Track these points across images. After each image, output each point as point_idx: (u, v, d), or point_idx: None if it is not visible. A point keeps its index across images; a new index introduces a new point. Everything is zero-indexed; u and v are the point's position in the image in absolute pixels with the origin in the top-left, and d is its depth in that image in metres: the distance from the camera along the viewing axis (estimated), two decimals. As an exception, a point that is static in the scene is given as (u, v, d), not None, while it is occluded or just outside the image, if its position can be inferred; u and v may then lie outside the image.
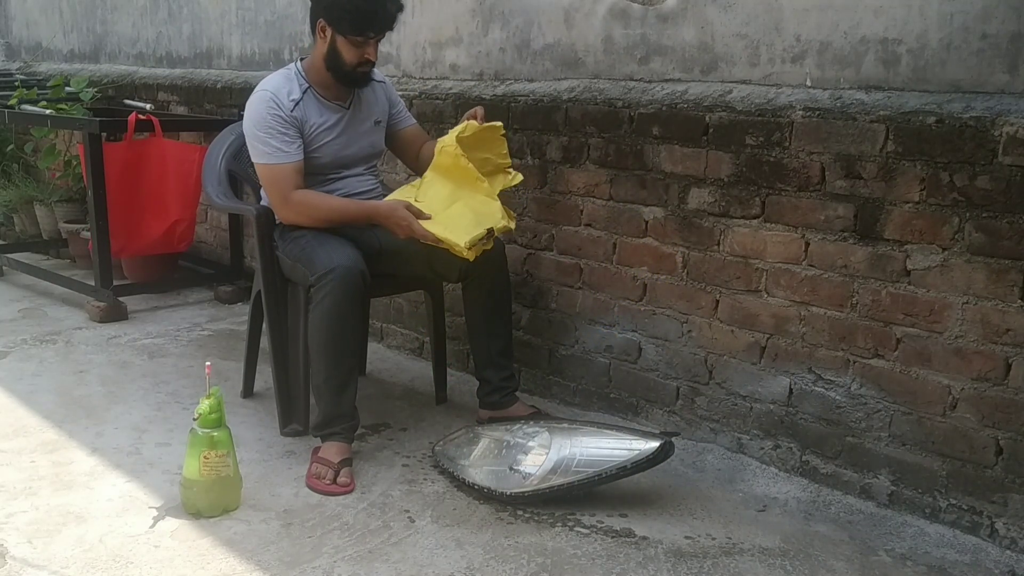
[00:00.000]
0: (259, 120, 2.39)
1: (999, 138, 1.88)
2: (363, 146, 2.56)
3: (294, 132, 2.40)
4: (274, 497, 2.19)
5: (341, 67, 2.39)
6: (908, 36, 2.02)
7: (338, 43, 2.37)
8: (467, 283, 2.55)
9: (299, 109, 2.41)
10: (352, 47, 2.36)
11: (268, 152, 2.39)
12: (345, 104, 2.50)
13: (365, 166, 2.60)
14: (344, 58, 2.38)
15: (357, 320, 2.35)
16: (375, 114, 2.58)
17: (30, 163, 4.71)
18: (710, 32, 2.36)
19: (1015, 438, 1.95)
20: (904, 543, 2.02)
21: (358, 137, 2.54)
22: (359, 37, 2.34)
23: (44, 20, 5.37)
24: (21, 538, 1.97)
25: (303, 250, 2.39)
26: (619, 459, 2.11)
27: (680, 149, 2.42)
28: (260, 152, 2.40)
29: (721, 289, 2.40)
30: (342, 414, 2.33)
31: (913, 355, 2.08)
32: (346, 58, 2.38)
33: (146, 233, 3.70)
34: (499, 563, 1.92)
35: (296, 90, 2.43)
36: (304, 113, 2.42)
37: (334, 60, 2.39)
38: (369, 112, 2.56)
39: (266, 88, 2.42)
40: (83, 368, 3.04)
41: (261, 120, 2.39)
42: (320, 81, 2.46)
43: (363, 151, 2.57)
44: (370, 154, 2.60)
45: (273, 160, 2.39)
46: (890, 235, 2.07)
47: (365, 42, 2.36)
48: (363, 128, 2.55)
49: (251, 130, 2.42)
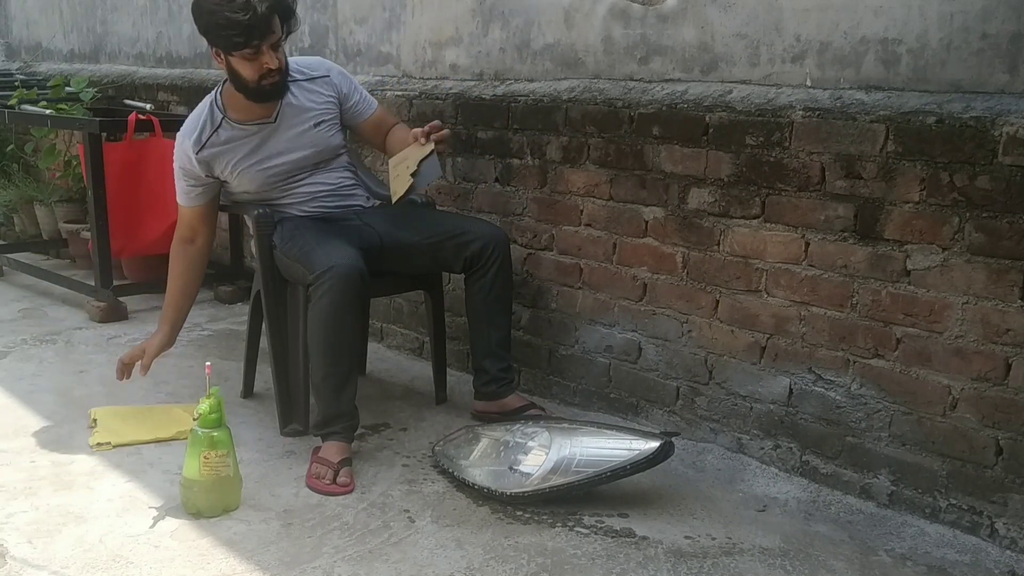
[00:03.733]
0: (175, 165, 2.52)
1: (999, 138, 1.88)
2: (304, 154, 2.51)
3: (195, 179, 2.49)
4: (274, 497, 2.19)
5: (246, 86, 2.36)
6: (908, 36, 2.02)
7: (232, 63, 2.33)
8: (471, 273, 2.55)
9: (206, 150, 2.44)
10: (245, 62, 2.31)
11: (178, 193, 2.55)
12: (271, 118, 2.47)
13: (324, 168, 2.56)
14: (244, 76, 2.34)
15: (355, 319, 2.34)
16: (314, 116, 2.52)
17: (30, 163, 4.70)
18: (710, 32, 2.36)
19: (1015, 438, 1.95)
20: (904, 543, 2.02)
21: (293, 147, 2.49)
22: (247, 50, 2.28)
23: (44, 20, 5.37)
24: (21, 538, 1.97)
25: (301, 249, 2.39)
26: (619, 459, 2.11)
27: (680, 149, 2.42)
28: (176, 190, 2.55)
29: (721, 289, 2.40)
30: (341, 413, 2.33)
31: (913, 355, 2.08)
32: (245, 75, 2.33)
33: (146, 233, 3.69)
34: (499, 563, 1.92)
35: (207, 128, 2.44)
36: (217, 150, 2.44)
37: (237, 81, 2.36)
38: (303, 117, 2.50)
39: (181, 133, 2.50)
40: (83, 368, 3.04)
41: (175, 165, 2.52)
42: (236, 106, 2.44)
43: (307, 159, 2.52)
44: (318, 158, 2.54)
45: (179, 201, 2.56)
46: (890, 235, 2.07)
47: (256, 54, 2.29)
48: (298, 136, 2.49)
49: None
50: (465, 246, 2.51)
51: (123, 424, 2.54)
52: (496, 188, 2.89)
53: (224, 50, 2.31)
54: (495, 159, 2.87)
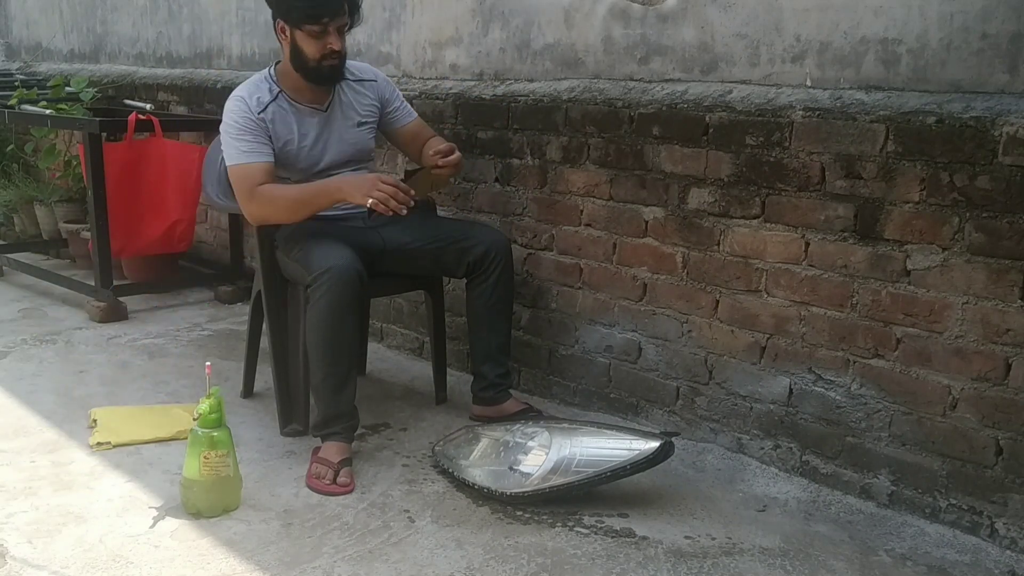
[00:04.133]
0: (229, 123, 2.41)
1: (999, 138, 1.88)
2: (343, 150, 2.53)
3: (263, 135, 2.40)
4: (274, 497, 2.19)
5: (306, 64, 2.36)
6: (908, 36, 2.02)
7: (297, 39, 2.34)
8: (472, 278, 2.55)
9: (267, 113, 2.40)
10: (311, 39, 2.32)
11: (236, 153, 2.39)
12: (323, 107, 2.48)
13: (352, 168, 2.57)
14: (306, 53, 2.34)
15: (354, 319, 2.34)
16: (358, 115, 2.55)
17: (30, 163, 4.71)
18: (710, 32, 2.36)
19: (1015, 438, 1.95)
20: (904, 543, 2.02)
21: (337, 140, 2.51)
22: (314, 26, 2.29)
23: (44, 20, 5.37)
24: (21, 538, 1.97)
25: (301, 250, 2.39)
26: (619, 459, 2.11)
27: (680, 149, 2.42)
28: (229, 154, 2.41)
29: (721, 289, 2.40)
30: (341, 414, 2.33)
31: (913, 355, 2.08)
32: (308, 52, 2.34)
33: (146, 233, 3.70)
34: (499, 563, 1.92)
35: (266, 95, 2.42)
36: (272, 117, 2.41)
37: (298, 58, 2.37)
38: (351, 114, 2.53)
39: (237, 94, 2.44)
40: (83, 368, 3.04)
41: (231, 123, 2.40)
42: (292, 86, 2.44)
43: (344, 155, 2.54)
44: (353, 157, 2.57)
45: (241, 160, 2.39)
46: (890, 235, 2.07)
47: (323, 31, 2.31)
48: (343, 131, 2.52)
49: (223, 135, 2.43)
50: (467, 251, 2.51)
51: (123, 424, 2.54)
52: (496, 188, 2.89)
53: (293, 23, 2.32)
54: (495, 159, 2.87)
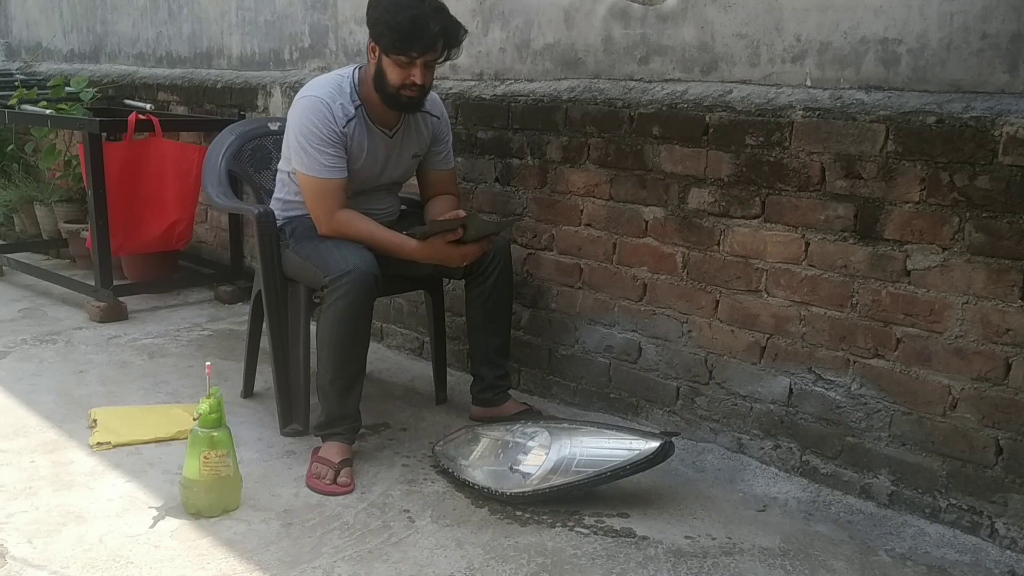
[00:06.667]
0: (310, 130, 2.34)
1: (999, 138, 1.88)
2: (393, 176, 2.55)
3: (343, 150, 2.37)
4: (274, 497, 2.19)
5: (386, 88, 2.33)
6: (908, 36, 2.02)
7: (383, 63, 2.32)
8: (471, 279, 2.55)
9: (349, 128, 2.38)
10: (396, 67, 2.30)
11: (316, 166, 2.35)
12: (390, 131, 2.47)
13: (386, 190, 2.59)
14: (389, 78, 2.32)
15: (368, 323, 2.34)
16: (416, 147, 2.55)
17: (30, 163, 4.71)
18: (710, 32, 2.36)
19: (1015, 438, 1.95)
20: (904, 543, 2.02)
21: (393, 167, 2.52)
22: (402, 56, 2.27)
23: (44, 20, 5.37)
24: (21, 538, 1.97)
25: (316, 249, 2.37)
26: (619, 459, 2.11)
27: (680, 149, 2.42)
28: (307, 163, 2.36)
29: (721, 289, 2.40)
30: (345, 415, 2.33)
31: (913, 355, 2.08)
32: (390, 78, 2.32)
33: (146, 232, 3.70)
34: (499, 563, 1.92)
35: (350, 107, 2.38)
36: (352, 133, 2.39)
37: (380, 80, 2.34)
38: (410, 144, 2.53)
39: (319, 96, 2.36)
40: (83, 368, 3.04)
41: (313, 130, 2.34)
42: (370, 100, 2.41)
43: (391, 179, 2.56)
44: (397, 181, 2.60)
45: (322, 175, 2.35)
46: (890, 235, 2.07)
47: (410, 63, 2.28)
48: (400, 158, 2.53)
49: (300, 138, 2.36)
50: None
51: (123, 424, 2.54)
52: (496, 188, 2.89)
53: (384, 49, 2.30)
54: (495, 159, 2.87)
